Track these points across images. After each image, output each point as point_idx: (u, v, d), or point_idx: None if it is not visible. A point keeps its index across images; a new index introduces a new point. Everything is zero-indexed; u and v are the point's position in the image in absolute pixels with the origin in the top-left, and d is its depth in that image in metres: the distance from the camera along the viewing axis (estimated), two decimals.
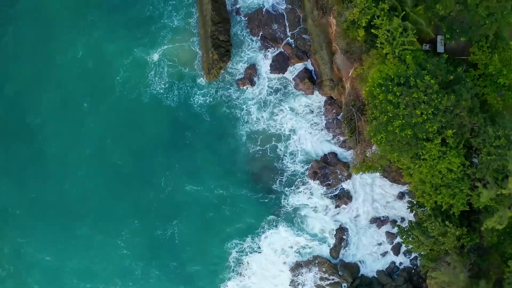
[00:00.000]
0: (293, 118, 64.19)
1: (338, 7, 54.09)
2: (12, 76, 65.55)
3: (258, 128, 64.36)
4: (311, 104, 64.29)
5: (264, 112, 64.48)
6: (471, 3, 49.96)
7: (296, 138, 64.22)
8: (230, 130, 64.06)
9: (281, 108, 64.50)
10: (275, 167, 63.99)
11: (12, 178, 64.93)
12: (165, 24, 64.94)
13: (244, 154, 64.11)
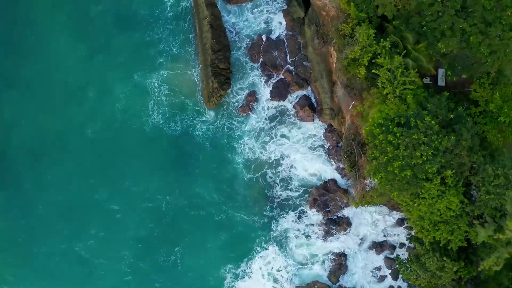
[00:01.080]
0: (293, 145, 64.20)
1: (339, 41, 53.88)
2: (11, 102, 64.85)
3: (258, 155, 64.51)
4: (311, 131, 64.30)
5: (264, 139, 64.38)
6: (473, 41, 49.78)
7: (296, 165, 64.23)
8: (230, 158, 64.24)
9: (281, 135, 64.39)
10: (273, 194, 64.37)
11: (14, 200, 64.75)
12: (164, 51, 64.80)
13: (243, 181, 64.37)
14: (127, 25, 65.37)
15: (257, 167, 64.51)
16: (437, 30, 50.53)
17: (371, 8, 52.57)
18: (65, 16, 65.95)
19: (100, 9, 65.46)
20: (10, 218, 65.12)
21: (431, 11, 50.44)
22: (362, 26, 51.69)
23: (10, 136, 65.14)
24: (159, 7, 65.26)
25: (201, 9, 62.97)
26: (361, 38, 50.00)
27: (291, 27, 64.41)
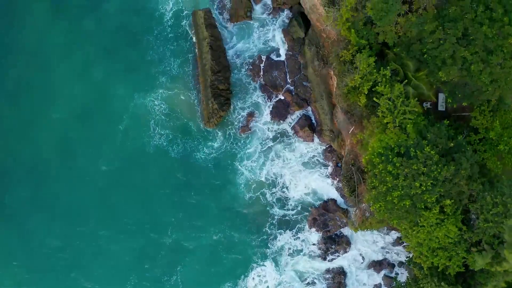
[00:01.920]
0: (292, 164, 64.23)
1: (339, 67, 53.63)
2: (8, 119, 64.75)
3: (259, 175, 64.48)
4: (311, 151, 64.32)
5: (264, 159, 64.45)
6: (474, 70, 49.35)
7: (295, 184, 64.33)
8: (230, 177, 64.32)
9: (280, 154, 64.52)
10: (273, 212, 64.43)
11: (19, 229, 64.93)
12: (164, 70, 64.63)
13: (243, 200, 64.56)
14: (127, 45, 65.06)
15: (257, 186, 64.68)
16: (438, 58, 50.16)
17: (371, 35, 52.31)
18: (65, 33, 65.37)
19: (100, 28, 65.03)
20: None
21: (432, 38, 50.02)
22: (362, 54, 51.53)
23: (8, 156, 64.81)
24: (158, 27, 65.11)
25: (200, 30, 62.85)
26: (361, 67, 49.78)
27: (291, 47, 64.25)
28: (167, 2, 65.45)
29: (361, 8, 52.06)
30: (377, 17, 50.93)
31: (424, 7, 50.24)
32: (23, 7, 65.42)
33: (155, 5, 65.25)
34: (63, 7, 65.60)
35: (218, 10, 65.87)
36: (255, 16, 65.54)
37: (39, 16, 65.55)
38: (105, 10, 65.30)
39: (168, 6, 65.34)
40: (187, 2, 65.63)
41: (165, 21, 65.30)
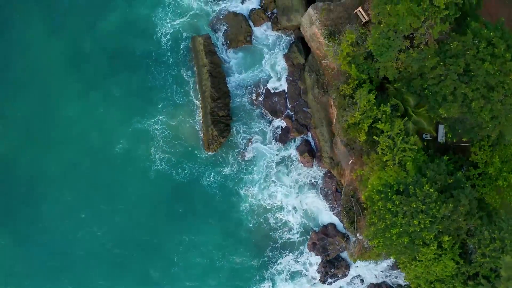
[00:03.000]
0: (292, 189, 64.39)
1: (339, 101, 53.56)
2: (7, 144, 64.31)
3: (260, 200, 64.54)
4: (311, 177, 64.34)
5: (265, 184, 64.46)
6: (475, 106, 49.23)
7: (296, 209, 64.48)
8: (231, 203, 64.39)
9: (281, 180, 64.52)
10: (276, 237, 64.54)
11: (18, 255, 64.57)
12: (164, 95, 64.19)
13: (246, 226, 64.63)
14: (126, 68, 64.38)
15: (259, 211, 64.75)
16: (439, 94, 50.05)
17: (372, 70, 52.21)
18: (62, 55, 64.63)
19: (98, 50, 64.32)
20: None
21: (433, 74, 49.89)
22: (363, 88, 51.49)
23: (6, 179, 64.35)
24: (157, 50, 64.48)
25: (200, 56, 62.38)
26: (362, 104, 49.74)
27: (291, 73, 63.96)
28: (165, 25, 64.74)
29: (362, 42, 52.01)
30: (378, 53, 50.83)
31: (425, 42, 50.03)
32: (20, 27, 64.58)
33: (153, 28, 64.67)
34: (60, 28, 64.69)
35: (217, 34, 64.93)
36: (255, 41, 65.12)
37: (36, 37, 64.56)
38: (102, 32, 64.71)
39: (166, 30, 64.64)
40: (186, 26, 64.97)
41: (164, 44, 64.68)
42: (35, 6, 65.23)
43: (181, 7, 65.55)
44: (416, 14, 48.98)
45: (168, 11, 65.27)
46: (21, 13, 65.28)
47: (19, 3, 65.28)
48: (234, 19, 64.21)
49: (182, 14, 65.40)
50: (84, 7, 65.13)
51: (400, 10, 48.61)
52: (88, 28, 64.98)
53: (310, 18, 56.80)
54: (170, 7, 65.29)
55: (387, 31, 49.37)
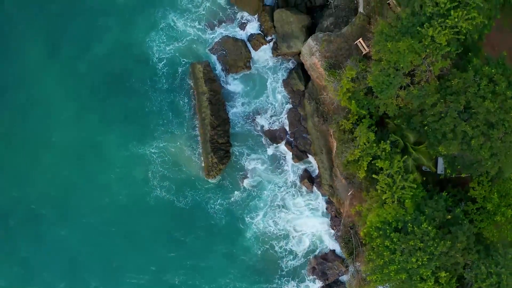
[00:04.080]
0: (293, 216, 64.28)
1: (339, 135, 53.54)
2: (3, 172, 63.96)
3: (260, 227, 64.31)
4: (310, 202, 64.35)
5: (266, 209, 64.34)
6: (474, 144, 48.94)
7: (299, 235, 64.29)
8: (236, 230, 64.16)
9: (282, 205, 64.40)
10: (277, 264, 64.43)
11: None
12: (162, 122, 63.96)
13: (248, 252, 64.30)
14: (123, 92, 63.92)
15: (261, 237, 64.49)
16: (439, 131, 49.80)
17: (372, 105, 52.04)
18: (58, 78, 64.14)
19: (95, 74, 63.77)
20: None
21: (433, 111, 49.60)
22: (363, 124, 51.36)
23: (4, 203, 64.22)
24: (155, 75, 63.85)
25: (199, 84, 62.10)
26: (361, 141, 49.69)
27: (291, 99, 63.65)
28: (160, 49, 64.13)
29: (362, 78, 51.82)
30: (379, 90, 50.58)
31: (426, 79, 49.87)
32: (17, 51, 63.95)
33: (149, 52, 64.15)
34: (56, 51, 64.15)
35: (217, 60, 64.34)
36: (254, 66, 64.65)
37: (33, 61, 63.99)
38: (98, 56, 64.31)
39: (162, 54, 64.12)
40: (182, 51, 64.40)
41: (161, 69, 64.29)
42: (33, 30, 64.32)
43: (176, 31, 64.81)
44: (417, 51, 48.67)
45: (162, 35, 64.55)
46: (19, 37, 64.55)
47: (16, 27, 64.40)
48: (234, 45, 63.76)
49: (178, 38, 64.84)
50: (80, 30, 64.49)
51: (401, 47, 48.26)
52: (84, 51, 64.60)
53: (310, 49, 56.50)
54: (164, 31, 64.50)
55: (387, 68, 49.06)
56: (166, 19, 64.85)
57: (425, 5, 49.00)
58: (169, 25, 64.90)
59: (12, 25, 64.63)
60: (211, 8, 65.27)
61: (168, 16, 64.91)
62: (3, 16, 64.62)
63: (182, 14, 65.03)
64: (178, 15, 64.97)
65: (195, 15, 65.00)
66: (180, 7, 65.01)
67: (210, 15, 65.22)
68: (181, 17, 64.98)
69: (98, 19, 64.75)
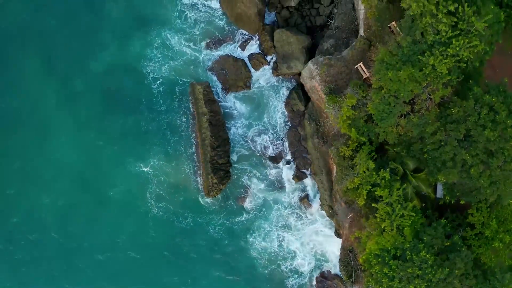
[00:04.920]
0: (295, 235, 64.46)
1: (339, 161, 53.52)
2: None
3: (262, 246, 64.47)
4: (310, 220, 64.44)
5: (266, 229, 64.46)
6: (474, 173, 49.06)
7: (297, 254, 64.31)
8: (235, 250, 64.14)
9: (282, 225, 64.47)
10: (283, 283, 64.44)
11: None
12: (161, 141, 63.71)
13: (252, 271, 64.33)
14: (121, 111, 63.78)
15: (264, 257, 64.56)
16: (438, 159, 49.78)
17: (372, 133, 51.93)
18: (56, 96, 64.05)
19: (93, 92, 63.75)
20: None
21: (433, 139, 49.50)
22: (362, 151, 51.35)
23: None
24: (151, 94, 63.56)
25: (199, 105, 61.95)
26: (361, 170, 49.74)
27: (291, 118, 63.56)
28: (157, 70, 63.70)
29: (362, 105, 51.69)
30: (379, 118, 50.46)
31: (427, 107, 49.74)
32: (13, 68, 63.75)
33: (145, 71, 63.69)
34: (54, 68, 63.95)
35: (216, 79, 64.02)
36: (254, 86, 64.49)
37: (30, 78, 63.86)
38: (95, 74, 64.07)
39: (159, 74, 63.73)
40: (180, 70, 63.99)
41: (158, 88, 63.80)
42: (31, 48, 64.05)
43: (172, 50, 64.43)
44: (418, 80, 48.46)
45: (157, 53, 64.10)
46: (16, 54, 64.17)
47: (13, 44, 64.08)
48: (233, 64, 63.59)
49: (174, 58, 64.51)
50: (78, 48, 64.14)
51: (402, 76, 48.01)
52: (82, 69, 64.30)
53: (311, 72, 56.28)
54: (159, 50, 64.12)
55: (388, 97, 48.88)
56: (160, 38, 64.53)
57: (427, 33, 48.85)
58: (165, 43, 64.30)
59: (9, 43, 64.03)
60: (210, 27, 64.95)
61: (163, 35, 64.40)
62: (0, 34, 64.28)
63: (177, 33, 64.65)
64: (173, 34, 64.57)
65: (190, 34, 64.62)
66: (175, 26, 64.47)
67: (209, 34, 64.82)
68: (177, 36, 64.84)
69: (96, 37, 64.64)
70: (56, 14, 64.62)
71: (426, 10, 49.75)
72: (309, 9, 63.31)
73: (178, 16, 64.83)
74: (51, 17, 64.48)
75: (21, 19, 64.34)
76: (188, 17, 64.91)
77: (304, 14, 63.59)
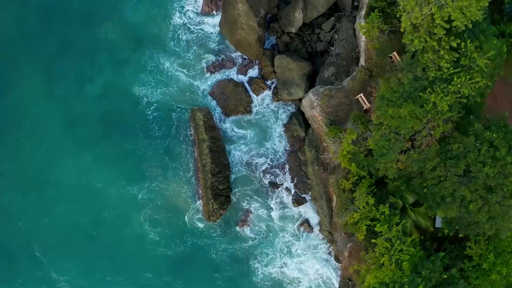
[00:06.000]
0: (296, 261, 64.24)
1: (339, 193, 53.45)
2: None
3: (264, 272, 64.24)
4: (311, 244, 64.25)
5: (266, 254, 64.23)
6: (472, 208, 49.12)
7: (301, 280, 64.15)
8: (237, 275, 63.76)
9: (283, 250, 64.26)
10: None
11: None
12: (159, 165, 63.29)
13: None
14: (118, 133, 63.19)
15: (264, 283, 64.36)
16: (438, 194, 49.89)
17: (372, 167, 51.92)
18: (54, 116, 63.52)
19: (91, 113, 63.21)
20: None
21: (433, 174, 49.49)
22: (362, 185, 51.51)
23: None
24: (148, 122, 62.90)
25: (200, 131, 61.55)
26: (361, 205, 49.88)
27: (291, 143, 63.28)
28: (150, 95, 63.05)
29: (362, 140, 51.52)
30: (379, 153, 50.47)
31: (427, 143, 49.50)
32: (13, 87, 63.36)
33: (140, 96, 63.04)
34: (51, 91, 63.37)
35: (216, 103, 63.43)
36: (255, 111, 64.12)
37: (27, 100, 63.45)
38: (92, 97, 63.25)
39: (153, 98, 63.16)
40: (178, 96, 63.27)
41: (153, 113, 63.10)
42: (28, 70, 63.52)
43: (166, 75, 63.57)
44: (418, 117, 48.36)
45: (150, 77, 63.42)
46: (13, 78, 63.61)
47: (11, 68, 63.49)
48: (234, 89, 63.14)
49: (168, 83, 63.55)
50: (73, 70, 63.62)
51: (403, 113, 47.93)
52: (78, 92, 63.68)
53: (311, 103, 56.09)
54: (153, 74, 63.43)
55: (388, 133, 48.83)
56: (153, 62, 63.85)
57: (428, 69, 48.67)
58: (158, 68, 63.50)
59: (8, 67, 63.57)
60: (209, 50, 64.18)
61: (155, 57, 63.74)
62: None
63: (171, 56, 63.93)
64: (168, 58, 63.82)
65: (188, 59, 63.84)
66: (169, 50, 63.81)
67: (209, 58, 64.09)
68: (173, 62, 63.91)
69: (92, 58, 63.87)
70: (52, 36, 63.76)
71: (428, 46, 49.77)
72: (310, 35, 62.66)
73: (176, 43, 64.24)
74: (48, 39, 63.65)
75: (18, 41, 63.42)
76: (186, 43, 64.29)
77: (304, 39, 62.96)
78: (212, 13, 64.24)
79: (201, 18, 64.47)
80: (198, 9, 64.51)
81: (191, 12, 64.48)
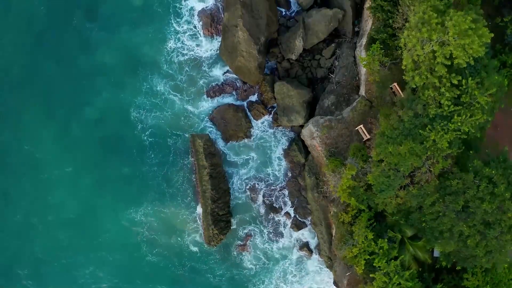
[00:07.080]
0: (297, 285, 65.18)
1: (338, 225, 53.61)
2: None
3: None
4: (311, 270, 64.74)
5: (267, 279, 64.50)
6: (470, 243, 49.45)
7: None
8: None
9: (284, 274, 64.65)
10: None
11: None
12: (159, 187, 63.08)
13: None
14: (117, 156, 63.19)
15: None
16: (436, 229, 50.22)
17: (372, 201, 52.04)
18: (52, 140, 63.39)
19: (90, 137, 63.08)
20: None
21: (431, 210, 49.77)
22: (362, 218, 51.76)
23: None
24: (144, 147, 62.90)
25: (200, 157, 61.55)
26: (360, 240, 50.11)
27: (291, 169, 63.42)
28: (144, 120, 62.75)
29: (362, 174, 51.58)
30: (378, 189, 50.58)
31: (426, 179, 49.53)
32: (10, 112, 63.10)
33: (136, 121, 62.84)
34: (48, 114, 63.18)
35: (216, 128, 63.37)
36: (254, 136, 64.03)
37: (24, 123, 63.22)
38: (90, 121, 62.98)
39: (148, 123, 62.87)
40: (175, 122, 62.97)
41: (149, 139, 62.91)
42: (29, 92, 63.20)
43: (163, 100, 63.23)
44: (418, 154, 48.34)
45: (146, 101, 63.04)
46: (10, 102, 63.30)
47: (8, 92, 63.25)
48: (234, 114, 62.99)
49: (164, 108, 63.17)
50: (71, 93, 63.22)
51: (402, 150, 47.92)
52: (75, 115, 63.43)
53: (311, 133, 55.96)
54: (148, 97, 63.00)
55: (388, 170, 48.87)
56: (149, 84, 63.46)
57: (429, 106, 48.53)
58: (154, 91, 63.11)
59: (5, 90, 63.41)
60: (208, 76, 63.75)
61: (153, 83, 63.38)
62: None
63: (167, 79, 63.47)
64: (164, 82, 63.47)
65: (186, 84, 63.51)
66: (165, 74, 63.40)
67: (209, 83, 63.72)
68: (169, 86, 63.54)
69: (89, 80, 63.40)
70: (49, 58, 63.24)
71: (429, 83, 49.68)
72: (310, 60, 62.30)
73: (174, 67, 63.49)
74: (45, 62, 63.21)
75: (15, 66, 63.07)
76: (184, 67, 63.50)
77: (305, 65, 62.62)
78: (212, 37, 63.80)
79: (200, 42, 63.87)
80: (198, 33, 63.91)
81: (190, 37, 63.75)
